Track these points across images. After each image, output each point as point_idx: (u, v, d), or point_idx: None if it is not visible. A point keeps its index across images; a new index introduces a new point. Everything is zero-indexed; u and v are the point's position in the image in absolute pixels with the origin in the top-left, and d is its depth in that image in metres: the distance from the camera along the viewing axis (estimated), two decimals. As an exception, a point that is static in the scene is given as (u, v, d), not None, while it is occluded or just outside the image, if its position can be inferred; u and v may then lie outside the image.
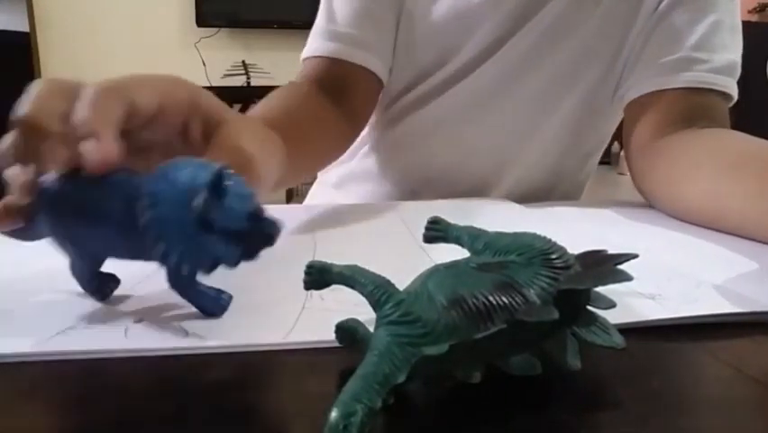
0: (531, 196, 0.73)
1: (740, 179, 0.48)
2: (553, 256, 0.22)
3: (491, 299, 0.19)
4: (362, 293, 0.20)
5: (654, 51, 0.65)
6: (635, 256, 0.24)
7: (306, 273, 0.21)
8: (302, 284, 0.21)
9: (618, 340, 0.21)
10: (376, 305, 0.20)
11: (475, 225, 0.27)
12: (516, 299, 0.20)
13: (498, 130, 0.72)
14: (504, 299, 0.19)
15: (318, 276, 0.21)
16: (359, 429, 0.15)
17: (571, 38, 0.68)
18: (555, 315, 0.19)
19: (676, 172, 0.57)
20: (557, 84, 0.70)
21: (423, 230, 0.29)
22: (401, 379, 0.17)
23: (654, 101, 0.64)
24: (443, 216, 0.29)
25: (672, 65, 0.63)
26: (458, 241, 0.27)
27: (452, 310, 0.19)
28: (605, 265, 0.23)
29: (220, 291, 0.27)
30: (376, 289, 0.20)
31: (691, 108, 0.62)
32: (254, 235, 0.25)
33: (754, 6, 5.37)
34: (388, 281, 0.20)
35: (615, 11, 0.67)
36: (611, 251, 0.24)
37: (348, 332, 0.22)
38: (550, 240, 0.23)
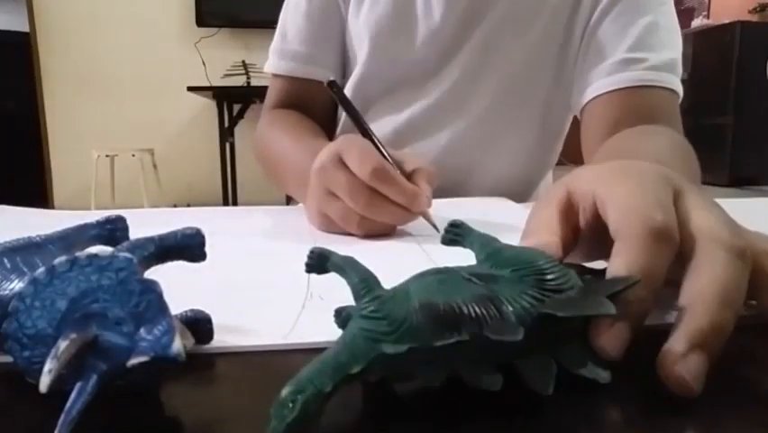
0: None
1: None
2: (548, 277, 0.22)
3: (464, 309, 0.19)
4: (349, 284, 0.21)
5: (595, 58, 0.69)
6: (638, 281, 0.22)
7: (308, 257, 0.22)
8: (301, 284, 0.22)
9: (604, 375, 0.21)
10: (357, 297, 0.21)
11: (488, 225, 0.27)
12: (490, 313, 0.20)
13: (458, 143, 0.75)
14: (477, 311, 0.19)
15: (317, 261, 0.22)
16: (302, 407, 0.16)
17: (516, 45, 0.72)
18: (519, 336, 0.19)
19: None
20: (510, 93, 0.74)
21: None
22: (356, 370, 0.18)
23: (600, 105, 0.67)
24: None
25: (613, 67, 0.66)
26: (472, 247, 0.27)
27: (420, 314, 0.19)
28: (599, 293, 0.22)
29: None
30: (360, 282, 0.21)
31: (636, 106, 0.64)
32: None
33: (754, 6, 5.37)
34: (374, 277, 0.21)
35: (556, 18, 0.71)
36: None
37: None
38: (553, 260, 0.23)
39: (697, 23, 6.00)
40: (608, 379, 0.21)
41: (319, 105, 0.78)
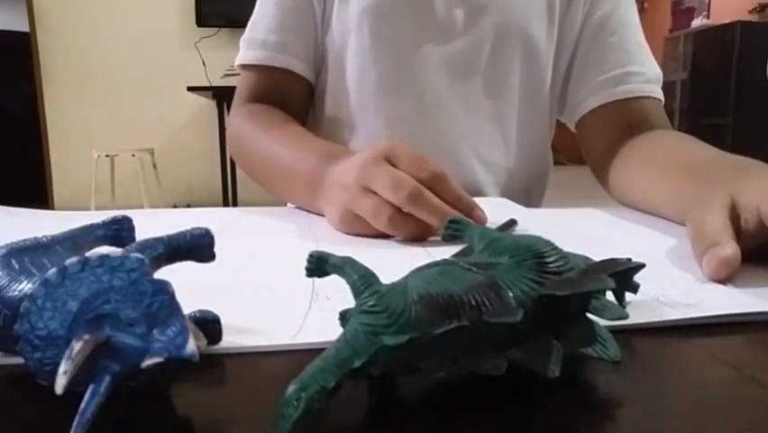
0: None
1: (664, 178, 0.55)
2: (548, 260, 0.22)
3: (463, 297, 0.19)
4: (348, 283, 0.21)
5: (593, 72, 0.74)
6: (643, 266, 0.24)
7: (308, 261, 0.22)
8: (306, 284, 0.22)
9: (612, 353, 0.21)
10: (356, 294, 0.21)
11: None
12: (490, 299, 0.20)
13: (461, 134, 0.75)
14: (476, 298, 0.19)
15: (317, 264, 0.22)
16: (306, 404, 0.17)
17: (518, 39, 0.74)
18: (518, 317, 0.19)
19: (623, 172, 0.65)
20: (500, 92, 0.76)
21: None
22: (358, 364, 0.18)
23: (603, 114, 0.73)
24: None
25: (613, 80, 0.72)
26: (471, 240, 0.27)
27: (419, 305, 0.19)
28: (599, 272, 0.22)
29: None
30: (359, 279, 0.21)
31: (636, 115, 0.71)
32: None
33: (754, 6, 5.37)
34: (373, 274, 0.21)
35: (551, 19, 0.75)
36: (624, 255, 0.25)
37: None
38: (552, 244, 0.23)
39: (697, 23, 6.00)
40: (618, 357, 0.21)
41: (292, 98, 0.76)
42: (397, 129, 0.73)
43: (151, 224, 0.33)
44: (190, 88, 3.54)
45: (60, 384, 0.16)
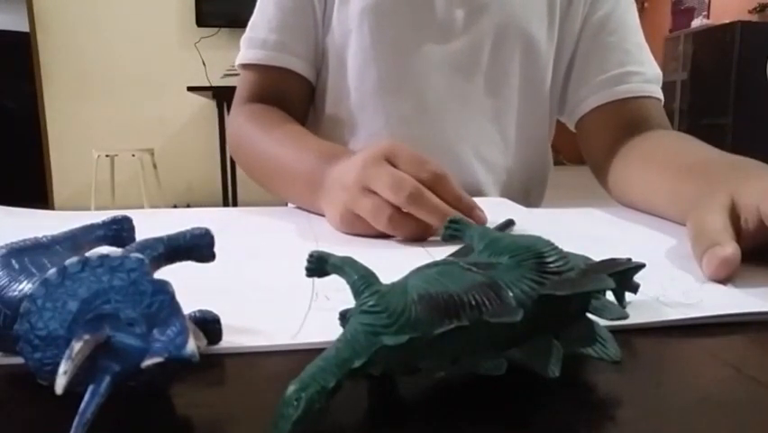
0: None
1: (664, 178, 0.55)
2: (548, 261, 0.22)
3: (463, 297, 0.19)
4: (348, 283, 0.21)
5: (592, 71, 0.74)
6: (643, 266, 0.25)
7: (308, 261, 0.22)
8: (306, 284, 0.22)
9: (612, 353, 0.21)
10: (356, 294, 0.21)
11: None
12: (490, 299, 0.20)
13: (461, 134, 0.75)
14: (476, 298, 0.19)
15: (317, 264, 0.22)
16: (306, 404, 0.17)
17: (518, 41, 0.74)
18: (518, 317, 0.19)
19: (623, 172, 0.65)
20: (514, 87, 0.76)
21: None
22: (358, 364, 0.18)
23: (603, 114, 0.73)
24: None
25: (613, 80, 0.72)
26: (471, 240, 0.27)
27: (419, 305, 0.19)
28: (599, 272, 0.22)
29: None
30: (359, 279, 0.21)
31: (636, 115, 0.71)
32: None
33: (754, 6, 5.37)
34: (373, 274, 0.21)
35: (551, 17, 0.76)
36: (623, 255, 0.25)
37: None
38: (552, 244, 0.23)
39: (697, 23, 6.01)
40: (618, 357, 0.21)
41: (292, 98, 0.76)
42: (397, 129, 0.73)
43: (151, 224, 0.33)
44: (190, 88, 3.54)
45: (60, 384, 0.16)
